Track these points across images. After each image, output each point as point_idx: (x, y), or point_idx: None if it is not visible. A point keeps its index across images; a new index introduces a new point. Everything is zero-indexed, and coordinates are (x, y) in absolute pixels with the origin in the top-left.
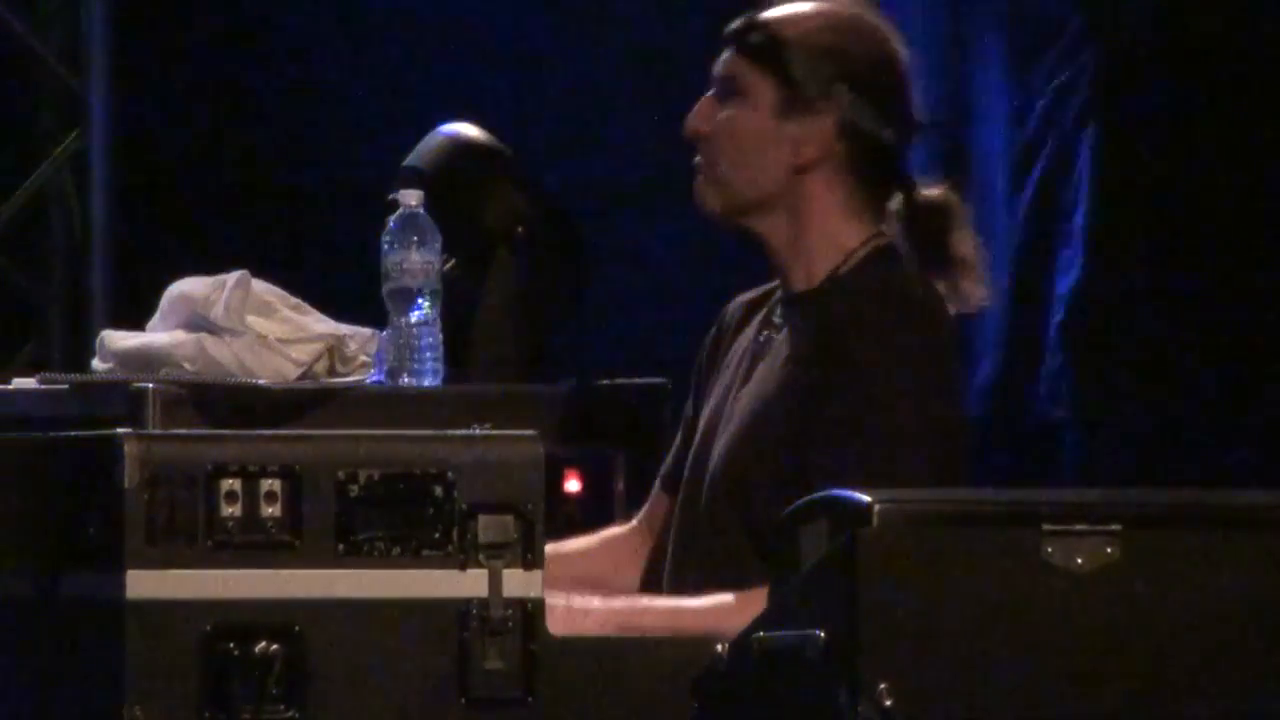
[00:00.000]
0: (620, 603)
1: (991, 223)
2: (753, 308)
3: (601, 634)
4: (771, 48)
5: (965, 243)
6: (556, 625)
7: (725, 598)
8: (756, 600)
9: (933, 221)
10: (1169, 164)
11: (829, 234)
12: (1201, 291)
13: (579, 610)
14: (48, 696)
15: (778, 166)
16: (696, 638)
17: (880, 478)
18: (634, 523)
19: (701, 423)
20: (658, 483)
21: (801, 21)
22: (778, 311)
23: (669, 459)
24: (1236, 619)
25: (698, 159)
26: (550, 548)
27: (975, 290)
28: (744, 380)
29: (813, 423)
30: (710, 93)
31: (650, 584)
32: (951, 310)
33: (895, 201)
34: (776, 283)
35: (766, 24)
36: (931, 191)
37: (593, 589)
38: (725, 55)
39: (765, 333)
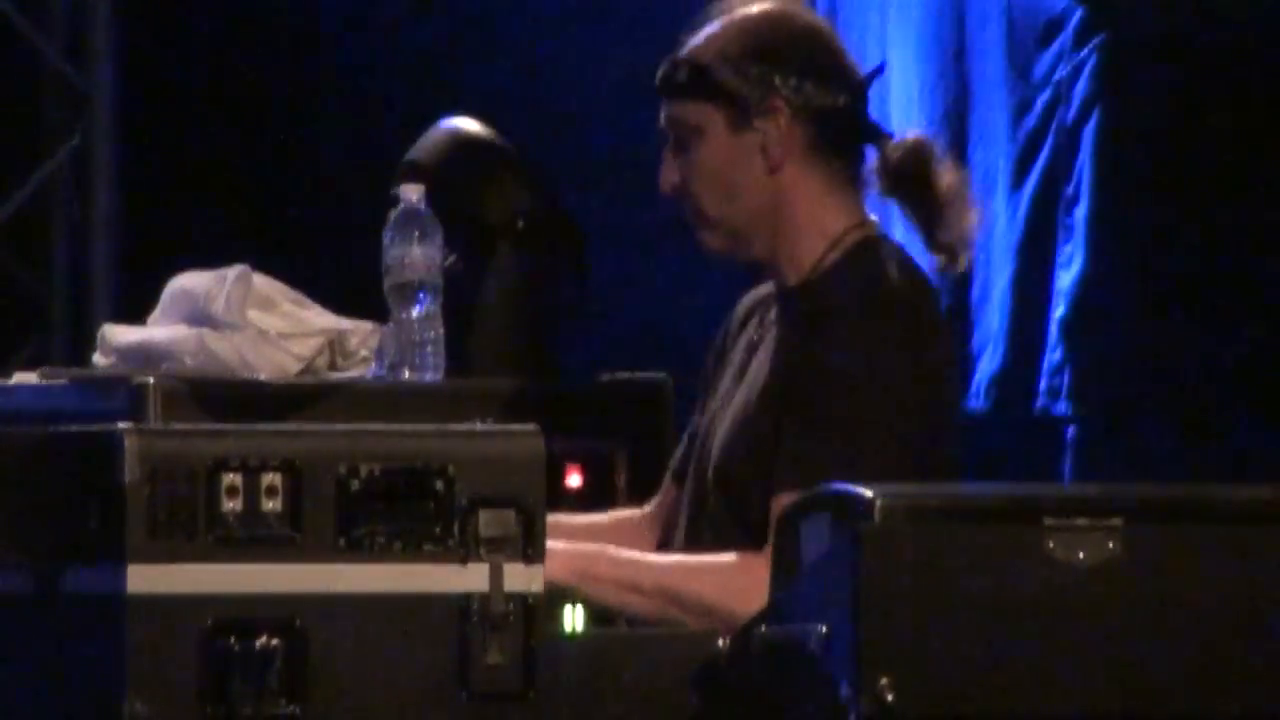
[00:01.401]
0: (592, 548)
1: (992, 218)
2: (758, 303)
3: (563, 578)
4: (697, 77)
5: (946, 175)
6: None
7: (719, 558)
8: (749, 566)
9: (908, 163)
10: (1170, 158)
11: (813, 222)
12: (1203, 285)
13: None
14: (49, 692)
15: (755, 178)
16: (674, 596)
17: (842, 466)
18: (646, 509)
19: (705, 419)
20: (668, 475)
21: (713, 40)
22: (774, 306)
23: (679, 451)
24: (1238, 613)
25: (687, 212)
26: (560, 517)
27: (968, 218)
28: (739, 377)
29: (785, 414)
30: (667, 148)
31: None
32: (939, 273)
33: (873, 158)
34: None
35: (683, 59)
36: (903, 138)
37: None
38: (664, 109)
39: (761, 329)
